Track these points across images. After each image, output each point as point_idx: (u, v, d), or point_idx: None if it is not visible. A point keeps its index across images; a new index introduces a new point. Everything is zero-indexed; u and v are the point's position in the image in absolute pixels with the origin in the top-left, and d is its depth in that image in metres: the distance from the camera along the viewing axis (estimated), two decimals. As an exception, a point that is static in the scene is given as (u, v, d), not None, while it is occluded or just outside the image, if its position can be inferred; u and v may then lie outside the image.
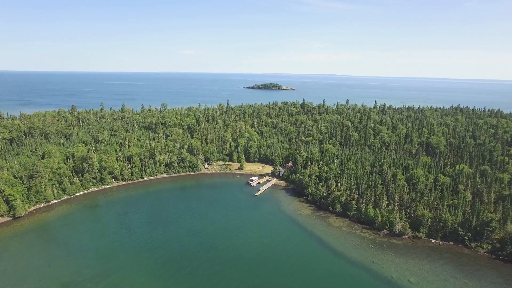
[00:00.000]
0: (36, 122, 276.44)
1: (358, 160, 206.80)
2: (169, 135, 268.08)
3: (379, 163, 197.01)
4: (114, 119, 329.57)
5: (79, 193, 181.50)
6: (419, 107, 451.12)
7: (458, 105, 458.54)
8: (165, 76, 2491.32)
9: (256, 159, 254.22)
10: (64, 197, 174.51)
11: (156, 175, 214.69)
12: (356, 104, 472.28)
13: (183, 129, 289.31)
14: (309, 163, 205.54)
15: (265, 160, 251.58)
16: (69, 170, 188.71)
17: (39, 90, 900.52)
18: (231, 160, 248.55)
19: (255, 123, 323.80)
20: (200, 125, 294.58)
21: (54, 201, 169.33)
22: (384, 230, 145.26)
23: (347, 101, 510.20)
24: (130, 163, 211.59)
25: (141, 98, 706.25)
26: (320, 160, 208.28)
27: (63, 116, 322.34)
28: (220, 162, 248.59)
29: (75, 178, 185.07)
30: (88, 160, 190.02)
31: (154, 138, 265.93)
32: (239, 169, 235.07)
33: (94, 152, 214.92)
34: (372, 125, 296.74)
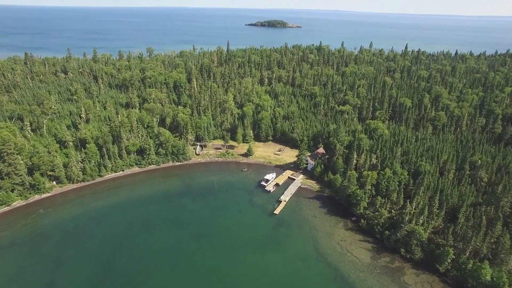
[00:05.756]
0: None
1: (429, 152, 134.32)
2: (147, 99, 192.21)
3: (469, 160, 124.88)
4: (79, 72, 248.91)
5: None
6: (456, 53, 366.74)
7: (508, 50, 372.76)
8: (161, 12, 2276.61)
9: (270, 137, 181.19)
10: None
11: (122, 170, 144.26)
12: (382, 49, 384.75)
13: (167, 88, 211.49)
14: (354, 154, 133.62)
15: (283, 138, 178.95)
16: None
17: (6, 28, 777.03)
18: (233, 138, 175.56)
19: (265, 78, 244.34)
20: (191, 83, 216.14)
21: None
22: (519, 318, 79.72)
23: (371, 45, 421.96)
24: (82, 152, 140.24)
25: (126, 38, 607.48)
26: (372, 151, 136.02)
27: (11, 68, 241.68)
28: (218, 142, 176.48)
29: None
30: (5, 156, 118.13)
31: (127, 105, 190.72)
32: (246, 155, 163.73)
33: (29, 135, 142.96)
34: (425, 84, 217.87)
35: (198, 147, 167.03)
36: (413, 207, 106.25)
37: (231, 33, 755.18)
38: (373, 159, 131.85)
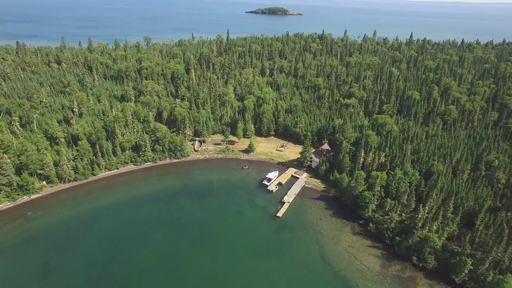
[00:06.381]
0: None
1: (441, 151, 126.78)
2: (143, 92, 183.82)
3: (485, 160, 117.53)
4: (73, 62, 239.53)
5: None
6: (462, 42, 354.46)
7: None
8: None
9: (272, 132, 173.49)
10: None
11: (117, 168, 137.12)
12: (386, 38, 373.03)
13: (165, 79, 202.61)
14: (362, 152, 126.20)
15: (286, 133, 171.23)
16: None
17: (1, 15, 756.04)
18: (233, 133, 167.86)
19: (267, 69, 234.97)
20: (189, 74, 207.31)
21: None
22: (543, 336, 73.62)
23: (375, 33, 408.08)
24: (74, 149, 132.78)
25: (125, 26, 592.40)
26: (380, 149, 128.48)
27: (2, 58, 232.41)
28: (218, 137, 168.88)
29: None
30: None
31: (122, 97, 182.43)
32: (247, 151, 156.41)
33: (18, 131, 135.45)
34: (433, 76, 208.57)
35: (196, 142, 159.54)
36: (426, 211, 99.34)
37: (231, 21, 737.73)
38: (381, 157, 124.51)
